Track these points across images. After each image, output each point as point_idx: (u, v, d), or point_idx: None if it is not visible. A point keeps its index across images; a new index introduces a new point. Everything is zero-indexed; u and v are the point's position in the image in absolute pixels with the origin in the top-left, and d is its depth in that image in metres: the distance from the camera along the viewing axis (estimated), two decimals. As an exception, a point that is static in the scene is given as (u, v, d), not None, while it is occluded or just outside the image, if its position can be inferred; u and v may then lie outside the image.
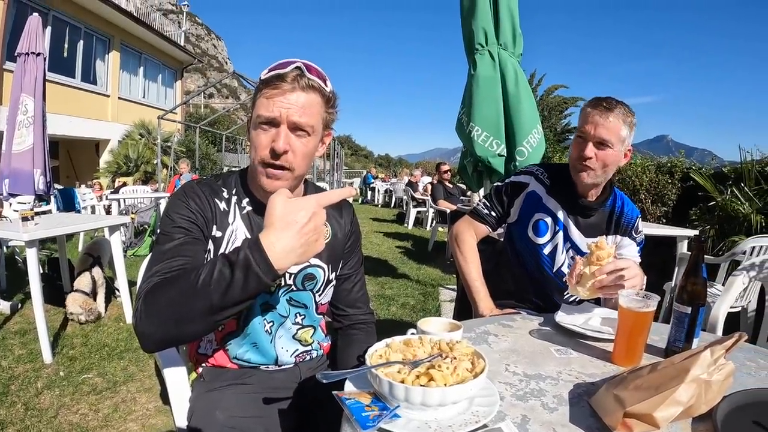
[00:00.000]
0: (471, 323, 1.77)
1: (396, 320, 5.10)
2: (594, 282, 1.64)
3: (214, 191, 1.54)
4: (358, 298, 1.80)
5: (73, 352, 3.97)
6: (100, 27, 18.28)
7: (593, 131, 1.95)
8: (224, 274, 1.12)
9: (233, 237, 1.51)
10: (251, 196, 1.56)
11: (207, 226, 1.49)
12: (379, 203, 22.23)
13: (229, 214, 1.53)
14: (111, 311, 5.01)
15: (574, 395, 1.22)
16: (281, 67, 1.39)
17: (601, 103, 1.95)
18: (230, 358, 1.61)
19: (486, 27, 4.12)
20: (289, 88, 1.37)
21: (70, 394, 3.29)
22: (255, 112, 1.42)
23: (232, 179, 1.60)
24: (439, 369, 1.04)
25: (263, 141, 1.40)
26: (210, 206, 1.50)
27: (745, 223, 5.94)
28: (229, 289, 1.12)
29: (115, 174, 17.52)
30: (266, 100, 1.38)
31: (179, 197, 1.49)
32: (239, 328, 1.58)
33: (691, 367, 1.05)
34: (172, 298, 1.18)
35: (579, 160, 2.00)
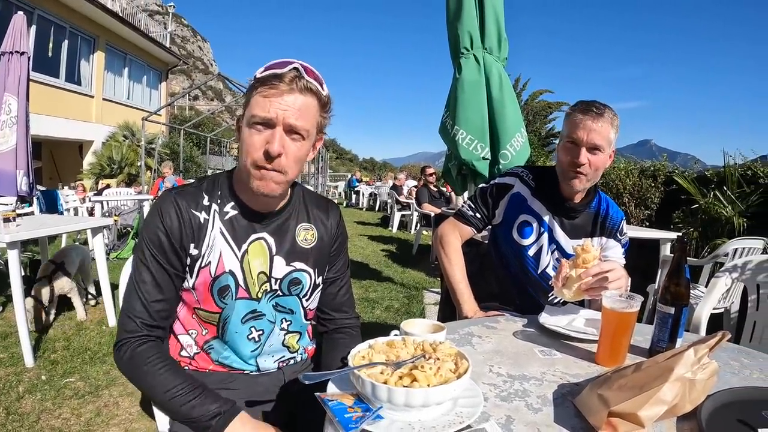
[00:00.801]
0: (455, 325, 1.77)
1: (380, 323, 5.08)
2: (580, 285, 1.64)
3: (194, 200, 1.50)
4: (344, 302, 1.78)
5: (55, 356, 3.91)
6: (85, 27, 18.11)
7: (586, 137, 1.94)
8: (191, 413, 1.34)
9: (209, 251, 1.48)
10: (237, 199, 1.53)
11: (183, 246, 1.47)
12: (363, 207, 22.15)
13: (208, 223, 1.49)
14: (93, 315, 4.96)
15: (558, 396, 1.22)
16: (279, 66, 1.36)
17: (591, 108, 1.94)
18: (212, 361, 1.59)
19: (471, 31, 4.14)
20: (287, 89, 1.34)
21: (52, 399, 3.24)
22: (249, 110, 1.37)
23: (218, 182, 1.56)
24: (422, 370, 1.03)
25: (256, 142, 1.37)
26: (187, 223, 1.47)
27: (727, 226, 6.02)
28: (183, 418, 1.35)
29: (98, 176, 17.35)
30: (263, 99, 1.34)
31: (154, 218, 1.47)
32: (220, 335, 1.56)
33: (675, 366, 1.05)
34: (148, 386, 1.40)
35: (572, 167, 1.99)
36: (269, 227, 1.55)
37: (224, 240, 1.50)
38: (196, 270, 1.48)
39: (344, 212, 17.89)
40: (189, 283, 1.50)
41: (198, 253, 1.48)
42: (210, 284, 1.48)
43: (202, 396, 1.35)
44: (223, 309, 1.51)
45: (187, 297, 1.53)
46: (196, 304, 1.52)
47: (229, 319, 1.53)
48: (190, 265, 1.48)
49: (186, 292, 1.52)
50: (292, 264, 1.58)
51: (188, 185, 1.56)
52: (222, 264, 1.49)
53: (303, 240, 1.60)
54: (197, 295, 1.50)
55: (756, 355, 1.59)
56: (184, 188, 1.54)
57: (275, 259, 1.55)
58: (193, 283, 1.49)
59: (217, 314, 1.52)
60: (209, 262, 1.48)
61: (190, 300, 1.53)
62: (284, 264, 1.57)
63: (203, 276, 1.48)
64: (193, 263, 1.48)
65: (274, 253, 1.55)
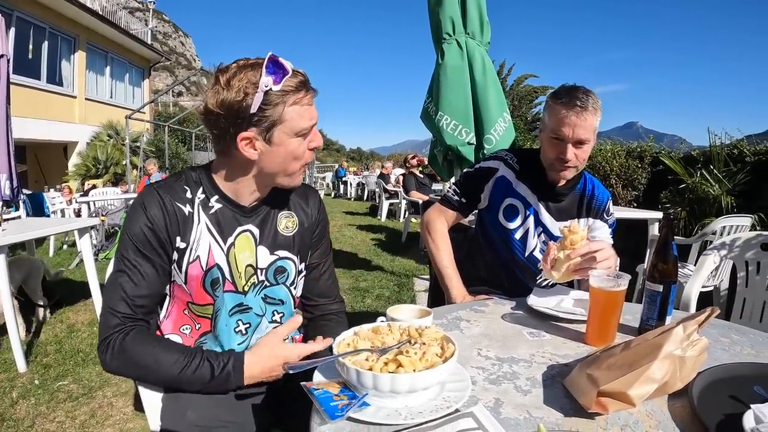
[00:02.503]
0: (442, 310, 1.76)
1: (371, 312, 5.07)
2: (568, 266, 1.63)
3: (177, 193, 1.47)
4: (327, 286, 1.77)
5: (48, 360, 3.88)
6: (65, 27, 17.95)
7: (572, 134, 1.91)
8: (203, 376, 1.35)
9: (197, 245, 1.46)
10: (221, 193, 1.50)
11: (169, 239, 1.44)
12: (351, 197, 22.14)
13: (193, 216, 1.47)
14: (84, 316, 4.91)
15: (547, 377, 1.21)
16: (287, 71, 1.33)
17: (575, 102, 1.89)
18: None
19: (453, 16, 4.15)
20: (311, 92, 1.40)
21: (45, 402, 3.21)
22: (290, 125, 1.37)
23: (197, 175, 1.53)
24: (407, 355, 1.02)
25: (305, 146, 1.43)
26: (172, 215, 1.44)
27: (715, 205, 6.05)
28: (201, 386, 1.37)
29: (84, 177, 17.19)
30: (303, 109, 1.38)
31: (137, 211, 1.43)
32: (213, 328, 1.55)
33: (664, 344, 1.04)
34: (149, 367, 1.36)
35: (560, 162, 1.98)
36: (254, 219, 1.54)
37: (210, 233, 1.48)
38: (185, 264, 1.46)
39: (333, 203, 17.82)
40: (180, 279, 1.48)
41: (185, 247, 1.46)
42: (202, 278, 1.47)
43: (205, 357, 1.38)
44: (216, 300, 1.51)
45: (179, 293, 1.51)
46: (189, 298, 1.50)
47: (220, 312, 1.52)
48: (177, 260, 1.46)
49: (178, 288, 1.51)
50: (275, 253, 1.57)
51: (169, 179, 1.54)
52: (212, 257, 1.47)
53: (285, 228, 1.59)
54: (189, 290, 1.49)
55: (746, 331, 1.59)
56: (166, 182, 1.51)
57: (259, 249, 1.54)
58: (185, 278, 1.47)
59: (210, 306, 1.51)
60: (198, 256, 1.46)
61: (182, 296, 1.51)
62: (268, 253, 1.56)
63: (194, 271, 1.46)
64: (181, 257, 1.46)
65: (258, 243, 1.54)
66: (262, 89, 1.29)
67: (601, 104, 1.95)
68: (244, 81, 1.31)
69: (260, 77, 1.29)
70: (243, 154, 1.37)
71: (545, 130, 2.03)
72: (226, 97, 1.32)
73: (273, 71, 1.31)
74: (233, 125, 1.35)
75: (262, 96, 1.30)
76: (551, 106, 1.99)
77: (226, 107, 1.33)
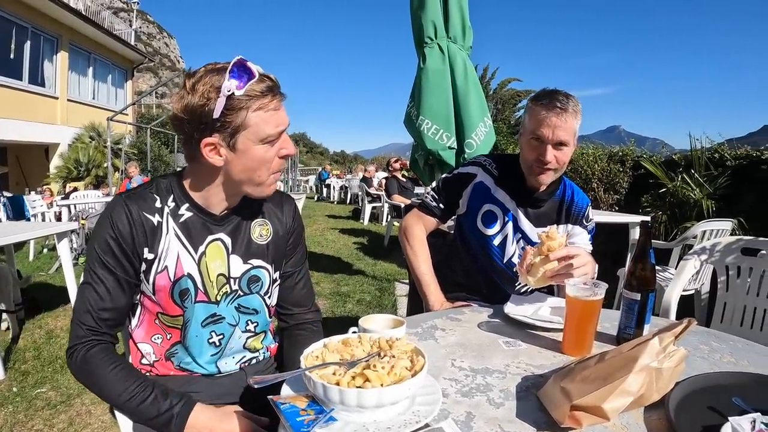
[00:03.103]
0: (418, 318, 1.73)
1: (352, 317, 5.02)
2: (544, 271, 1.61)
3: (145, 203, 1.43)
4: (302, 295, 1.73)
5: (26, 367, 3.82)
6: (48, 26, 17.81)
7: (552, 135, 1.89)
8: (148, 412, 1.32)
9: (165, 255, 1.43)
10: (191, 201, 1.47)
11: (137, 251, 1.41)
12: (334, 200, 22.00)
13: (162, 225, 1.44)
14: (63, 321, 4.84)
15: (521, 389, 1.18)
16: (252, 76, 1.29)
17: (555, 103, 1.88)
18: (174, 367, 1.55)
19: (435, 20, 4.15)
20: (279, 97, 1.35)
21: (24, 410, 3.16)
22: (255, 130, 1.32)
23: (167, 183, 1.49)
24: (374, 369, 0.99)
25: (273, 153, 1.38)
26: (139, 226, 1.40)
27: (696, 208, 6.07)
28: (144, 420, 1.34)
29: (65, 179, 17.04)
30: (269, 114, 1.32)
31: (104, 223, 1.40)
32: (182, 339, 1.51)
33: (640, 356, 1.02)
34: (101, 389, 1.36)
35: (539, 164, 1.95)
36: (226, 227, 1.50)
37: (180, 243, 1.44)
38: (152, 275, 1.42)
39: (315, 206, 17.70)
40: (148, 290, 1.44)
41: (153, 257, 1.42)
42: (170, 289, 1.44)
43: (155, 394, 1.33)
44: (185, 311, 1.47)
45: (148, 303, 1.48)
46: (159, 309, 1.47)
47: (190, 323, 1.48)
48: (145, 271, 1.43)
49: (147, 299, 1.47)
50: (249, 262, 1.54)
51: (138, 188, 1.50)
52: (180, 267, 1.44)
53: (258, 236, 1.56)
54: (158, 300, 1.45)
55: (725, 338, 1.58)
56: (135, 191, 1.47)
57: (232, 258, 1.51)
58: (152, 289, 1.43)
59: (180, 317, 1.48)
60: (166, 266, 1.43)
61: (152, 306, 1.48)
62: (241, 262, 1.52)
63: (162, 281, 1.43)
64: (149, 268, 1.42)
65: (230, 252, 1.50)
66: (224, 94, 1.25)
67: (583, 108, 1.95)
68: (208, 85, 1.27)
69: (224, 81, 1.26)
70: (208, 160, 1.34)
71: (525, 133, 2.01)
72: (190, 101, 1.28)
73: (237, 75, 1.27)
74: (197, 130, 1.31)
75: (225, 101, 1.26)
76: (531, 109, 1.97)
77: (189, 112, 1.29)
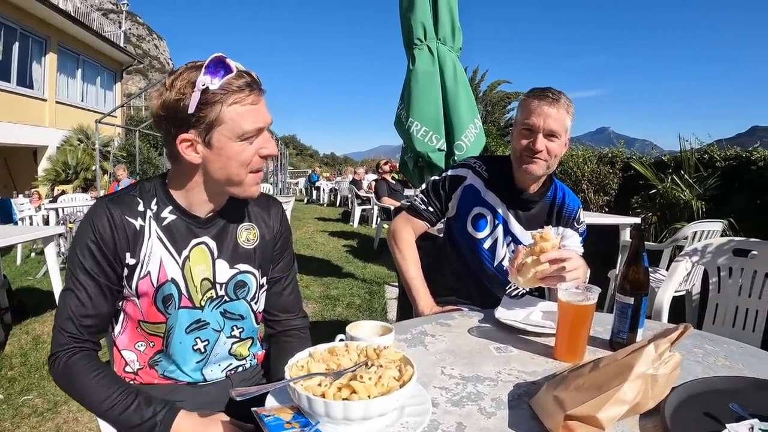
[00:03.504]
0: (408, 324, 1.69)
1: (342, 321, 4.99)
2: (535, 272, 1.58)
3: (127, 207, 1.40)
4: (290, 301, 1.70)
5: (12, 373, 3.76)
6: (37, 28, 17.67)
7: (543, 123, 1.88)
8: (130, 420, 1.28)
9: (148, 260, 1.39)
10: (174, 203, 1.43)
11: (118, 256, 1.37)
12: (324, 202, 21.93)
13: (144, 230, 1.40)
14: (50, 327, 4.73)
15: (513, 397, 1.15)
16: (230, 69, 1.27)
17: (547, 94, 1.89)
18: (158, 375, 1.51)
19: (425, 22, 4.13)
20: (257, 91, 1.31)
21: (10, 418, 3.12)
22: (231, 126, 1.29)
23: (152, 186, 1.46)
24: (361, 380, 0.95)
25: (252, 151, 1.34)
26: (121, 230, 1.37)
27: (686, 210, 6.09)
28: (126, 428, 1.31)
29: (54, 182, 16.88)
30: (246, 109, 1.29)
31: (85, 228, 1.37)
32: (164, 347, 1.47)
33: (635, 364, 0.99)
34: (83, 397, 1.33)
35: (529, 153, 1.93)
36: (210, 231, 1.46)
37: (163, 246, 1.40)
38: (135, 281, 1.38)
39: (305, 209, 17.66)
40: (131, 295, 1.41)
41: (135, 262, 1.38)
42: (153, 295, 1.40)
43: (138, 401, 1.30)
44: (168, 318, 1.43)
45: (131, 310, 1.44)
46: (140, 316, 1.43)
47: (173, 330, 1.44)
48: (127, 276, 1.39)
49: (129, 305, 1.43)
50: (235, 266, 1.50)
51: (121, 191, 1.46)
52: (164, 272, 1.40)
53: (245, 240, 1.52)
54: (141, 307, 1.41)
55: (719, 341, 1.56)
56: (118, 195, 1.44)
57: (217, 262, 1.47)
58: (136, 295, 1.40)
59: (162, 324, 1.43)
60: (149, 272, 1.39)
61: (134, 313, 1.44)
62: (227, 267, 1.48)
63: (144, 287, 1.39)
64: (131, 273, 1.38)
65: (216, 256, 1.47)
66: (198, 88, 1.23)
67: (574, 110, 1.94)
68: (185, 81, 1.26)
69: (199, 76, 1.24)
70: (185, 157, 1.32)
71: (516, 126, 2.00)
72: (167, 97, 1.27)
73: (213, 70, 1.25)
74: (173, 126, 1.30)
75: (199, 95, 1.24)
76: (523, 101, 1.98)
77: (166, 108, 1.28)
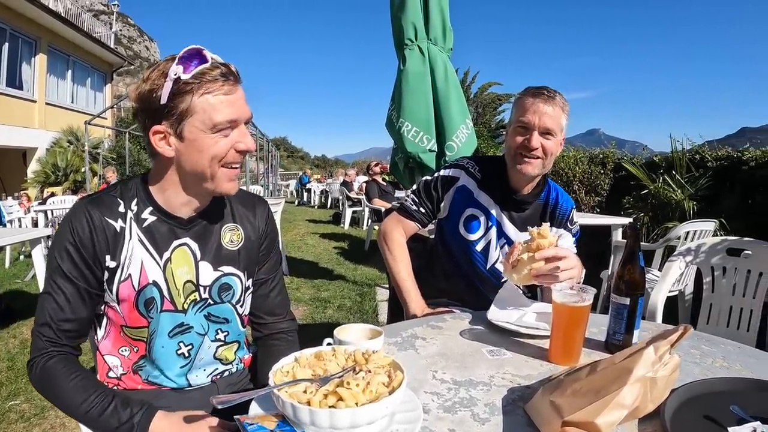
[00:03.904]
0: (398, 326, 1.65)
1: (333, 323, 4.88)
2: (530, 269, 1.54)
3: (108, 208, 1.35)
4: (277, 303, 1.65)
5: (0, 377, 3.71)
6: (27, 28, 17.55)
7: (538, 121, 1.85)
8: (109, 423, 1.24)
9: (129, 262, 1.35)
10: (155, 204, 1.39)
11: (98, 259, 1.33)
12: (315, 204, 21.88)
13: (125, 231, 1.35)
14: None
15: (508, 402, 1.11)
16: (205, 59, 1.24)
17: (543, 92, 1.87)
18: (142, 380, 1.46)
19: (416, 22, 4.10)
20: (232, 82, 1.27)
21: (-4, 423, 3.06)
22: (201, 117, 1.24)
23: (132, 186, 1.42)
24: (347, 387, 0.90)
25: (226, 145, 1.28)
26: (100, 232, 1.32)
27: (678, 209, 6.11)
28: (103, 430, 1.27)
29: (43, 184, 16.76)
30: (218, 99, 1.24)
31: (64, 230, 1.32)
32: (148, 352, 1.43)
33: (634, 367, 0.95)
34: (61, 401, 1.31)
35: (524, 150, 1.90)
36: (192, 232, 1.42)
37: (144, 249, 1.36)
38: (116, 285, 1.34)
39: (296, 211, 17.62)
40: (112, 299, 1.36)
41: (116, 265, 1.34)
42: (135, 299, 1.35)
43: (115, 403, 1.26)
44: (150, 322, 1.38)
45: (112, 315, 1.40)
46: (122, 321, 1.39)
47: (156, 334, 1.40)
48: (108, 280, 1.34)
49: (111, 310, 1.39)
50: (220, 269, 1.45)
51: (101, 192, 1.42)
52: (145, 275, 1.35)
53: (229, 242, 1.48)
54: (122, 311, 1.37)
55: (716, 341, 1.54)
56: (99, 196, 1.39)
57: (201, 264, 1.42)
58: (116, 299, 1.35)
59: (144, 329, 1.39)
60: (129, 275, 1.34)
61: (116, 318, 1.39)
62: (211, 269, 1.44)
63: (126, 291, 1.34)
64: (111, 277, 1.34)
65: (199, 258, 1.42)
66: (170, 77, 1.20)
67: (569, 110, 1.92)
68: (159, 72, 1.23)
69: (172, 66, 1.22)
70: (158, 150, 1.28)
71: (511, 124, 1.97)
72: (142, 89, 1.25)
73: (186, 60, 1.22)
74: (148, 118, 1.27)
75: (171, 85, 1.21)
76: (518, 99, 1.95)
77: (141, 99, 1.27)
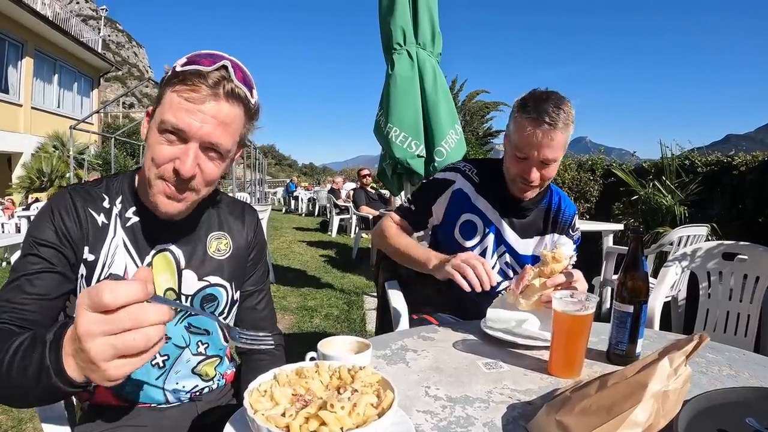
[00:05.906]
0: (386, 338, 1.56)
1: (320, 333, 4.86)
2: (541, 296, 1.47)
3: (92, 200, 1.27)
4: (263, 317, 1.56)
5: (-25, 389, 3.58)
6: (13, 31, 17.41)
7: (537, 155, 1.75)
8: (27, 370, 0.89)
9: (110, 259, 1.26)
10: (139, 204, 1.30)
11: (76, 250, 1.23)
12: (302, 212, 21.76)
13: (108, 228, 1.27)
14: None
15: (508, 421, 1.03)
16: (204, 61, 1.14)
17: (543, 118, 1.69)
18: (113, 395, 1.36)
19: (404, 26, 4.06)
20: (209, 93, 1.13)
21: (-28, 436, 2.96)
22: (161, 110, 1.15)
23: (118, 183, 1.34)
24: (331, 410, 0.80)
25: (165, 154, 1.15)
26: (82, 222, 1.24)
27: (668, 215, 6.11)
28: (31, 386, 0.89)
29: (28, 189, 16.56)
30: (178, 101, 1.13)
31: (45, 215, 1.22)
32: None
33: (649, 382, 0.87)
34: None
35: (523, 181, 1.84)
36: (176, 237, 1.34)
37: (126, 251, 1.27)
38: (95, 282, 1.24)
39: (283, 218, 17.57)
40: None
41: (94, 259, 1.24)
42: None
43: (30, 339, 0.93)
44: None
45: None
46: None
47: None
48: (86, 276, 1.24)
49: None
50: (205, 278, 1.37)
51: (87, 184, 1.33)
52: (127, 278, 1.25)
53: (216, 250, 1.40)
54: None
55: (720, 349, 1.48)
56: (84, 185, 1.31)
57: (184, 273, 1.34)
58: None
59: None
60: (110, 275, 1.23)
61: None
62: (196, 279, 1.35)
63: None
64: (90, 272, 1.24)
65: (182, 266, 1.34)
66: (167, 69, 1.16)
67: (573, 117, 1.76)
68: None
69: None
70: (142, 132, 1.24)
71: (509, 144, 1.85)
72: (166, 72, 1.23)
73: (198, 57, 1.15)
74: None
75: (168, 72, 1.17)
76: (517, 120, 1.79)
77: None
